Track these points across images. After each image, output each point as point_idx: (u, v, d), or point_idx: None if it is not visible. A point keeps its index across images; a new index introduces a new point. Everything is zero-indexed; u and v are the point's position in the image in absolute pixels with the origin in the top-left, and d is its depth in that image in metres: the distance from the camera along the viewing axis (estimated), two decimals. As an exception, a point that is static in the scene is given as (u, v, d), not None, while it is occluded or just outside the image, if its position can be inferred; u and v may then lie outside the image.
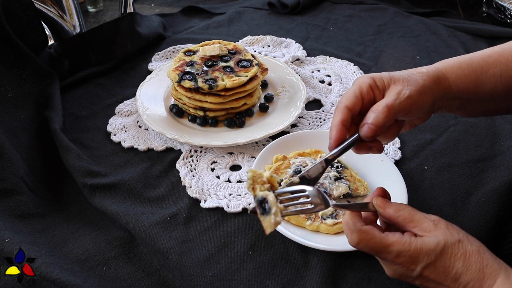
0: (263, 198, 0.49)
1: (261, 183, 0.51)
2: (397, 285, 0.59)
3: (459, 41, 1.16)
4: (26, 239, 0.62)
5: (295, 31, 1.23)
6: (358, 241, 0.48)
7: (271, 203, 0.48)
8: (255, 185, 0.50)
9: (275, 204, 0.48)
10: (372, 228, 0.49)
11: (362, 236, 0.48)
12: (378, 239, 0.48)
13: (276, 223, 0.47)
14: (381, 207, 0.51)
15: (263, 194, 0.49)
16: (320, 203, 0.52)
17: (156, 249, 0.63)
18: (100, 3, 1.41)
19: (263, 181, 0.51)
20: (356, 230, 0.48)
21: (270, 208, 0.48)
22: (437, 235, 0.47)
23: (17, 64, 0.89)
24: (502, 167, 0.77)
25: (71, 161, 0.75)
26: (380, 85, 0.53)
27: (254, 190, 0.50)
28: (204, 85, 0.81)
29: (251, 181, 0.50)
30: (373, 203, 0.52)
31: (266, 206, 0.48)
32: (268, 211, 0.48)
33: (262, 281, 0.60)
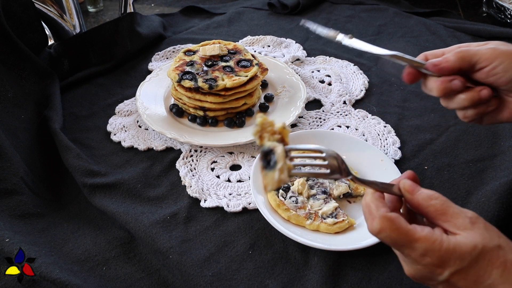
0: (269, 149, 0.43)
1: (270, 133, 0.45)
2: (398, 284, 0.59)
3: (459, 42, 1.16)
4: (26, 239, 0.62)
5: (295, 31, 1.23)
6: (380, 229, 0.42)
7: (278, 156, 0.42)
8: (263, 134, 0.44)
9: (283, 158, 0.42)
10: (398, 216, 0.42)
11: (386, 224, 0.41)
12: (404, 231, 0.41)
13: (279, 181, 0.41)
14: (409, 191, 0.45)
15: (270, 145, 0.43)
16: (337, 169, 0.45)
17: (156, 248, 0.63)
18: (100, 3, 1.41)
19: (273, 130, 0.45)
20: (379, 216, 0.42)
21: (276, 162, 0.41)
22: (474, 236, 0.40)
23: (17, 64, 0.89)
24: (502, 167, 0.77)
25: (71, 161, 0.75)
26: None
27: (261, 139, 0.44)
28: (204, 85, 0.81)
29: (260, 128, 0.45)
30: (401, 186, 0.46)
31: (272, 159, 0.42)
32: (273, 166, 0.42)
33: (262, 280, 0.60)
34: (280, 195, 0.69)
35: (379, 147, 0.82)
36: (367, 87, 1.00)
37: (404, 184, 0.46)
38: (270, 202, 0.69)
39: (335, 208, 0.67)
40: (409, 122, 0.89)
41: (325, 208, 0.67)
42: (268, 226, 0.66)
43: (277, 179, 0.41)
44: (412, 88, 0.99)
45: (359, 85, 1.00)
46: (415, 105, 0.94)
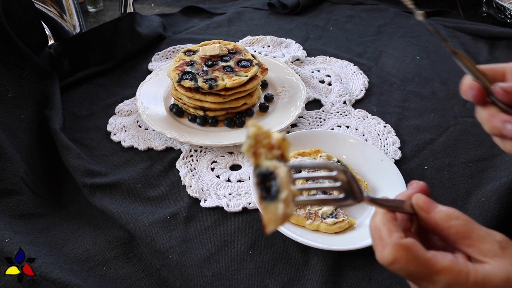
0: (268, 171, 0.32)
1: (267, 148, 0.34)
2: (398, 284, 0.59)
3: (459, 42, 1.16)
4: (26, 239, 0.62)
5: (295, 31, 1.23)
6: (394, 259, 0.34)
7: (281, 182, 0.31)
8: (258, 149, 0.33)
9: (287, 185, 0.31)
10: (414, 243, 0.35)
11: (401, 254, 0.34)
12: (422, 261, 0.34)
13: (285, 217, 0.31)
14: (424, 209, 0.38)
15: (270, 166, 0.32)
16: (352, 192, 0.37)
17: (156, 248, 0.63)
18: (100, 3, 1.41)
19: (271, 144, 0.34)
20: (392, 243, 0.35)
21: (279, 190, 0.31)
22: (506, 265, 0.33)
23: (17, 64, 0.89)
24: (502, 167, 0.77)
25: (71, 161, 0.75)
26: None
27: (256, 156, 0.33)
28: (204, 85, 0.81)
29: (253, 142, 0.34)
30: (414, 202, 0.39)
31: (273, 186, 0.32)
32: (274, 195, 0.31)
33: (262, 280, 0.60)
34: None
35: (379, 147, 0.82)
36: (367, 87, 1.00)
37: (418, 200, 0.39)
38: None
39: (335, 208, 0.67)
40: (409, 122, 0.89)
41: (325, 208, 0.67)
42: (268, 226, 0.66)
43: (281, 214, 0.30)
44: (412, 88, 0.99)
45: (359, 85, 1.00)
46: (415, 105, 0.94)
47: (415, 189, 0.40)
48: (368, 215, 0.68)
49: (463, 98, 0.45)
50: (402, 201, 0.39)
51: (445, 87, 1.00)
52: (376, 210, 0.39)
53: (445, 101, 0.95)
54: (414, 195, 0.39)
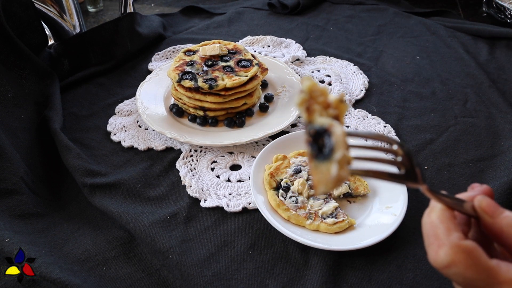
0: (323, 129, 0.30)
1: (323, 106, 0.32)
2: (398, 284, 0.59)
3: (459, 42, 1.16)
4: (26, 239, 0.62)
5: (295, 31, 1.23)
6: (451, 261, 0.31)
7: (337, 141, 0.29)
8: (311, 105, 0.31)
9: (344, 144, 0.29)
10: (477, 247, 0.31)
11: (460, 256, 0.30)
12: (484, 268, 0.30)
13: (338, 180, 0.28)
14: (489, 213, 0.34)
15: (325, 122, 0.30)
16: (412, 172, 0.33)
17: (156, 248, 0.63)
18: (100, 3, 1.41)
19: (327, 103, 0.32)
20: (450, 244, 0.31)
21: (334, 149, 0.29)
22: None
23: (17, 64, 0.89)
24: (502, 167, 0.77)
25: (71, 161, 0.75)
26: None
27: (310, 112, 0.31)
28: (204, 85, 0.81)
29: (307, 96, 0.31)
30: (476, 204, 0.35)
31: (327, 144, 0.29)
32: (328, 154, 0.29)
33: (262, 280, 0.60)
34: (280, 195, 0.69)
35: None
36: (367, 87, 1.00)
37: (482, 202, 0.34)
38: (270, 202, 0.69)
39: (335, 208, 0.67)
40: (409, 122, 0.89)
41: (325, 208, 0.67)
42: (268, 226, 0.66)
43: (334, 176, 0.28)
44: (412, 88, 1.00)
45: (359, 85, 1.00)
46: (415, 105, 0.94)
47: (478, 191, 0.36)
48: (368, 216, 0.68)
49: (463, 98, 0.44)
50: (463, 201, 0.35)
51: (445, 87, 1.00)
52: (432, 205, 0.35)
53: (445, 101, 0.95)
54: (478, 196, 0.35)
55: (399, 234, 0.65)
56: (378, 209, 0.68)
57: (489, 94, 0.97)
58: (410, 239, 0.65)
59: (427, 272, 0.61)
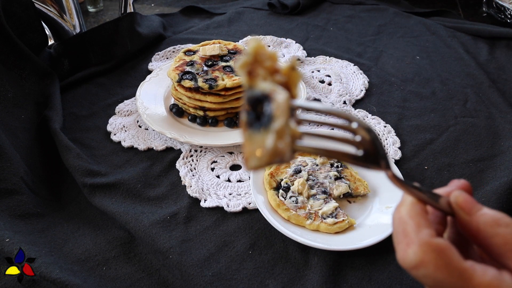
0: (262, 94, 0.26)
1: (269, 71, 0.27)
2: (398, 284, 0.59)
3: (459, 42, 1.16)
4: (26, 239, 0.62)
5: (295, 31, 1.23)
6: (419, 261, 0.28)
7: (277, 108, 0.25)
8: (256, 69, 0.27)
9: (285, 113, 0.25)
10: (449, 246, 0.28)
11: (429, 256, 0.27)
12: (457, 269, 0.27)
13: (274, 152, 0.24)
14: (466, 210, 0.31)
15: (265, 88, 0.26)
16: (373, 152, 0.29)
17: (156, 248, 0.63)
18: (100, 3, 1.41)
19: (274, 68, 0.28)
20: (419, 242, 0.28)
21: (272, 117, 0.25)
22: None
23: (17, 64, 0.89)
24: (502, 167, 0.77)
25: (71, 161, 0.75)
26: None
27: (252, 76, 0.27)
28: (204, 85, 0.81)
29: (252, 59, 0.27)
30: (452, 200, 0.32)
31: (266, 110, 0.25)
32: (265, 122, 0.25)
33: (262, 280, 0.60)
34: (280, 195, 0.69)
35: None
36: (367, 87, 1.00)
37: (458, 198, 0.32)
38: (270, 202, 0.69)
39: (335, 208, 0.67)
40: (409, 122, 0.89)
41: (325, 208, 0.67)
42: (268, 226, 0.66)
43: (271, 147, 0.24)
44: (412, 88, 1.00)
45: (359, 85, 1.00)
46: (415, 105, 0.94)
47: (455, 186, 0.34)
48: (368, 216, 0.68)
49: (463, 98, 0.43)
50: (437, 195, 0.32)
51: (445, 87, 1.00)
52: (403, 198, 0.32)
53: (445, 101, 0.95)
54: (454, 191, 0.32)
55: (399, 234, 0.64)
56: (378, 209, 0.68)
57: (489, 94, 0.97)
58: (410, 239, 0.65)
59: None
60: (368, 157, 0.29)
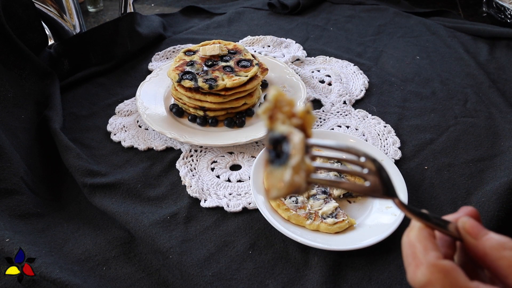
0: (282, 136, 0.30)
1: (287, 115, 0.32)
2: (398, 284, 0.59)
3: (459, 42, 1.16)
4: (26, 239, 0.62)
5: (295, 32, 1.23)
6: (427, 281, 0.30)
7: (294, 147, 0.29)
8: (276, 114, 0.32)
9: (301, 151, 0.29)
10: (455, 267, 0.30)
11: (436, 276, 0.30)
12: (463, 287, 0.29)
13: (291, 185, 0.28)
14: (472, 234, 0.33)
15: (284, 130, 0.30)
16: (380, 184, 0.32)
17: (156, 248, 0.63)
18: (100, 3, 1.41)
19: (291, 113, 0.32)
20: (427, 263, 0.30)
21: (290, 155, 0.29)
22: None
23: (17, 64, 0.89)
24: (502, 167, 0.77)
25: (71, 161, 0.75)
26: None
27: (272, 120, 0.31)
28: (204, 85, 0.81)
29: (272, 105, 0.32)
30: (460, 225, 0.34)
31: (284, 151, 0.30)
32: (284, 160, 0.29)
33: (262, 280, 0.60)
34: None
35: (379, 147, 0.82)
36: (367, 87, 1.00)
37: (465, 223, 0.34)
38: (270, 202, 0.69)
39: (335, 208, 0.67)
40: (409, 122, 0.89)
41: (325, 208, 0.67)
42: (268, 226, 0.66)
43: (288, 180, 0.28)
44: (412, 88, 1.00)
45: (359, 85, 1.00)
46: (415, 105, 0.94)
47: (463, 213, 0.36)
48: (368, 216, 0.68)
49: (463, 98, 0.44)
50: (446, 221, 0.35)
51: (445, 87, 1.00)
52: (411, 224, 0.35)
53: (445, 101, 0.95)
54: (461, 217, 0.34)
55: (399, 234, 0.64)
56: (378, 209, 0.68)
57: (489, 94, 0.97)
58: (410, 239, 0.65)
59: (427, 272, 0.60)
60: (376, 188, 0.33)
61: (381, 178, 0.33)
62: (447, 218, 0.36)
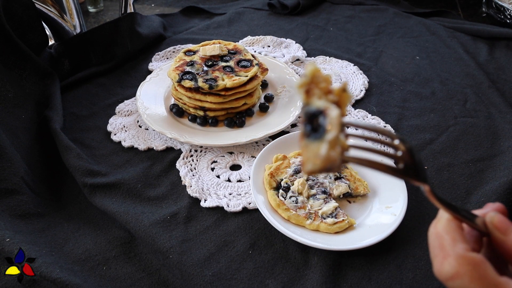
0: (318, 110, 0.30)
1: (323, 92, 0.32)
2: (398, 284, 0.59)
3: (459, 42, 1.16)
4: (27, 239, 0.62)
5: (295, 32, 1.23)
6: (455, 273, 0.29)
7: (330, 122, 0.29)
8: (312, 89, 0.32)
9: (338, 126, 0.29)
10: (484, 260, 0.30)
11: (465, 268, 0.29)
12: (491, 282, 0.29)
13: (327, 159, 0.28)
14: (501, 230, 0.33)
15: (321, 105, 0.30)
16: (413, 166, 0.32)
17: (156, 248, 0.63)
18: (101, 3, 1.41)
19: (328, 89, 0.32)
20: (455, 255, 0.30)
21: (327, 129, 0.29)
22: None
23: (17, 64, 0.89)
24: (501, 167, 0.77)
25: (71, 161, 0.75)
26: None
27: (309, 95, 0.32)
28: (204, 85, 0.81)
29: (309, 80, 0.32)
30: (488, 220, 0.34)
31: (321, 125, 0.29)
32: (321, 134, 0.29)
33: (262, 280, 0.60)
34: (280, 195, 0.69)
35: (379, 147, 0.82)
36: (367, 87, 1.00)
37: (494, 218, 0.33)
38: (270, 202, 0.68)
39: (335, 208, 0.67)
40: (409, 122, 0.89)
41: (325, 208, 0.67)
42: (268, 226, 0.66)
43: (324, 154, 0.28)
44: (412, 88, 0.99)
45: (359, 85, 1.00)
46: (415, 105, 0.94)
47: (490, 208, 0.35)
48: (368, 216, 0.68)
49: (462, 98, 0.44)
50: (473, 215, 0.34)
51: (444, 87, 0.99)
52: (439, 215, 0.34)
53: (444, 101, 0.95)
54: (490, 212, 0.34)
55: (399, 234, 0.64)
56: (378, 209, 0.68)
57: (489, 94, 0.97)
58: (409, 239, 0.65)
59: (426, 272, 0.60)
60: (408, 171, 0.32)
61: (414, 161, 0.32)
62: (477, 212, 0.35)
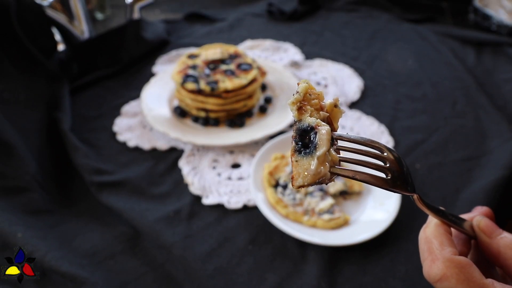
0: (310, 127, 0.30)
1: (315, 108, 0.32)
2: (391, 277, 0.59)
3: (448, 47, 1.16)
4: (37, 234, 0.62)
5: (293, 37, 1.22)
6: (442, 275, 0.30)
7: (321, 139, 0.29)
8: (304, 106, 0.31)
9: (327, 143, 0.29)
10: (470, 263, 0.30)
11: (452, 271, 0.29)
12: (476, 284, 0.29)
13: (316, 174, 0.28)
14: (487, 233, 0.33)
15: (312, 122, 0.30)
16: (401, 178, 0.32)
17: (160, 244, 0.63)
18: (108, 10, 1.41)
19: (319, 105, 0.32)
20: (443, 258, 0.30)
21: (317, 146, 0.29)
22: None
23: (29, 68, 0.88)
24: (489, 166, 0.77)
25: (80, 160, 0.74)
26: None
27: (301, 112, 0.31)
28: (206, 87, 0.80)
29: (301, 97, 0.31)
30: (475, 224, 0.34)
31: (311, 142, 0.29)
32: (311, 150, 0.29)
33: (262, 274, 0.60)
34: (278, 193, 0.68)
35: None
36: (362, 89, 0.99)
37: (480, 222, 0.33)
38: (269, 199, 0.68)
39: (331, 205, 0.67)
40: (401, 123, 0.88)
41: (321, 205, 0.66)
42: (267, 223, 0.66)
43: (314, 170, 0.28)
44: (404, 91, 0.99)
45: (354, 87, 0.99)
46: (407, 107, 0.94)
47: (477, 212, 0.35)
48: (362, 212, 0.67)
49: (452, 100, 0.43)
50: (461, 219, 0.34)
51: (435, 90, 0.99)
52: (428, 220, 0.34)
53: (435, 103, 0.94)
54: (476, 216, 0.34)
55: (392, 230, 0.64)
56: (372, 206, 0.68)
57: (477, 97, 0.96)
58: (402, 235, 0.65)
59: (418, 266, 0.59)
60: (395, 182, 0.32)
61: (402, 172, 0.32)
62: (462, 217, 0.35)
